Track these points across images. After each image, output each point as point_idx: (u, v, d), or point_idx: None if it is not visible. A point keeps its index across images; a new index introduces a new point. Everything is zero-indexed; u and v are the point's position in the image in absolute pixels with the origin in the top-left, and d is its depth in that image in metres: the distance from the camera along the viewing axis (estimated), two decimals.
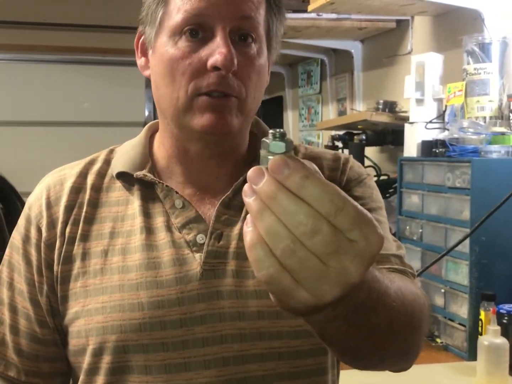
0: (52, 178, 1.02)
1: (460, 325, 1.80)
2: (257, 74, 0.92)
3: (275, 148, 0.55)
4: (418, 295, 0.82)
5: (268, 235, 0.54)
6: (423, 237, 1.99)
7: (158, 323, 0.90)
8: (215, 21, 0.88)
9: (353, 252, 0.54)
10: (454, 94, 2.03)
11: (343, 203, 0.54)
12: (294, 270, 0.54)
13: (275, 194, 0.54)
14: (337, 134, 2.78)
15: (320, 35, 2.90)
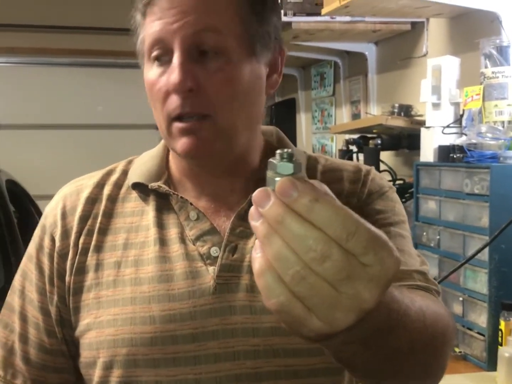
0: (69, 188, 1.02)
1: (479, 334, 1.77)
2: (231, 85, 0.87)
3: (283, 169, 0.53)
4: (441, 315, 0.79)
5: (276, 261, 0.52)
6: (440, 244, 1.96)
7: (169, 337, 0.89)
8: (172, 41, 0.86)
9: (367, 277, 0.52)
10: (472, 98, 1.99)
11: (355, 227, 0.52)
12: (305, 297, 0.52)
13: (283, 218, 0.52)
14: (352, 138, 2.75)
15: (333, 37, 2.87)
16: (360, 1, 2.20)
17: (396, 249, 0.90)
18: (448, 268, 1.89)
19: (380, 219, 0.95)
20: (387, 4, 2.24)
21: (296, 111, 4.20)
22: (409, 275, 0.90)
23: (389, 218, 0.96)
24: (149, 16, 0.88)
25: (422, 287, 0.89)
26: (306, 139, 4.07)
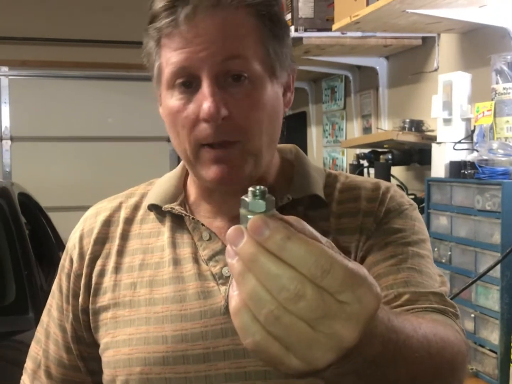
0: (91, 211, 1.06)
1: (491, 351, 1.76)
2: (258, 109, 0.88)
3: (254, 207, 0.53)
4: (450, 342, 0.76)
5: (250, 300, 0.52)
6: (452, 260, 1.95)
7: (181, 357, 0.90)
8: (199, 70, 0.86)
9: (345, 315, 0.51)
10: (483, 114, 1.99)
11: (329, 264, 0.50)
12: (280, 337, 0.51)
13: (256, 256, 0.51)
14: (363, 153, 2.75)
15: (344, 52, 2.88)
16: (371, 17, 2.21)
17: (414, 269, 0.91)
18: (459, 285, 1.88)
19: (398, 238, 0.93)
20: (398, 20, 2.24)
21: (307, 124, 4.21)
22: (425, 297, 0.87)
23: (407, 237, 0.94)
24: (168, 45, 0.88)
25: (438, 310, 0.87)
26: (317, 152, 4.08)
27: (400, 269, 0.89)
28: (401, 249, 0.92)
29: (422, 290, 0.88)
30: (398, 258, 0.91)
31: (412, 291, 0.87)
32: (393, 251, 0.91)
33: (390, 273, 0.89)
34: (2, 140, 5.03)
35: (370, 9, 2.13)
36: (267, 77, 0.90)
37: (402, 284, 0.88)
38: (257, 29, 0.89)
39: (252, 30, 0.88)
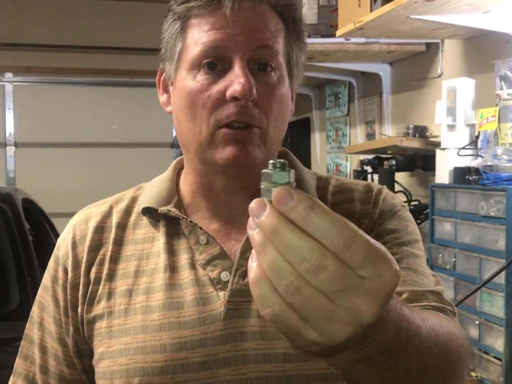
0: (79, 217, 1.02)
1: (495, 358, 1.75)
2: (278, 102, 0.90)
3: (278, 178, 0.53)
4: (455, 335, 0.77)
5: (270, 271, 0.52)
6: (456, 266, 1.94)
7: (180, 365, 0.88)
8: (233, 52, 0.87)
9: (365, 290, 0.51)
10: (487, 120, 1.99)
11: (353, 237, 0.51)
12: (299, 309, 0.51)
13: (277, 228, 0.51)
14: (366, 159, 2.75)
15: (348, 58, 2.88)
16: (375, 23, 2.21)
17: (410, 269, 0.92)
18: (463, 291, 1.88)
19: (393, 239, 0.95)
20: (401, 26, 2.24)
21: (310, 130, 4.21)
22: (423, 296, 0.89)
23: (401, 238, 0.95)
24: (200, 25, 0.89)
25: (437, 308, 0.87)
26: (321, 158, 4.07)
27: None
28: (396, 249, 0.93)
29: (420, 289, 0.89)
30: (394, 258, 0.91)
31: (410, 290, 0.88)
32: (389, 251, 0.92)
33: None
34: (6, 146, 5.04)
35: (374, 15, 2.13)
36: (287, 76, 0.93)
37: (399, 283, 0.88)
38: (285, 30, 0.93)
39: (281, 30, 0.92)
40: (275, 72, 0.90)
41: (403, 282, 0.89)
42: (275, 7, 0.91)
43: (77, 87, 5.18)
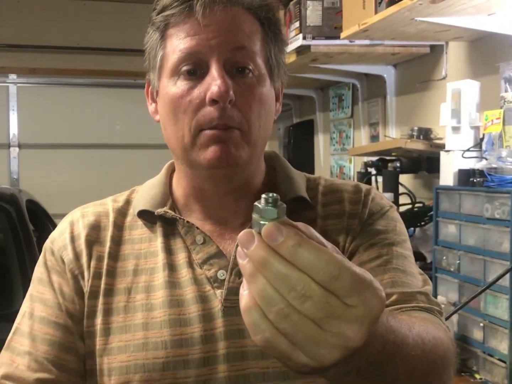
0: (76, 215, 1.02)
1: (500, 361, 1.75)
2: (259, 102, 0.92)
3: (268, 214, 0.56)
4: (441, 339, 0.80)
5: (261, 299, 0.55)
6: (460, 268, 1.94)
7: (181, 362, 0.90)
8: (208, 56, 0.89)
9: (351, 317, 0.54)
10: (492, 122, 1.99)
11: (338, 271, 0.53)
12: (289, 334, 0.54)
13: (266, 259, 0.54)
14: (370, 161, 2.75)
15: (352, 60, 2.88)
16: (379, 25, 2.21)
17: (399, 269, 0.95)
18: (468, 293, 1.87)
19: (382, 239, 0.97)
20: (406, 28, 2.24)
21: (314, 132, 4.21)
22: (412, 297, 0.92)
23: (391, 238, 0.98)
24: (176, 34, 0.91)
25: (425, 309, 0.91)
26: (324, 160, 4.07)
27: (386, 270, 0.94)
28: (386, 250, 0.96)
29: (409, 290, 0.92)
30: (383, 259, 0.95)
31: (400, 292, 0.91)
32: (379, 252, 0.96)
33: (377, 274, 0.92)
34: (10, 147, 5.05)
35: (379, 17, 2.13)
36: (267, 76, 0.95)
37: (389, 285, 0.92)
38: (261, 31, 0.94)
39: (257, 31, 0.94)
40: (253, 73, 0.92)
41: (393, 283, 0.92)
42: (249, 8, 0.93)
43: (81, 88, 5.19)
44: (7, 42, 4.95)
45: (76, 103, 5.14)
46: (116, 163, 5.16)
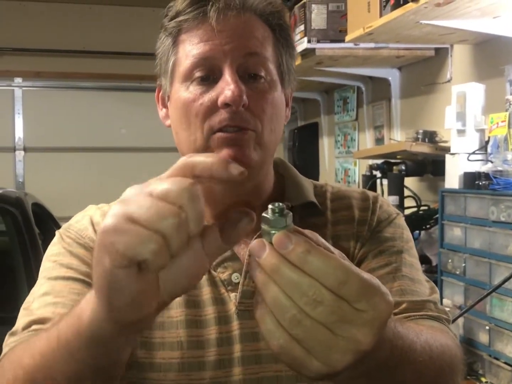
0: (92, 208, 1.02)
1: (506, 364, 1.74)
2: (271, 106, 0.93)
3: (276, 223, 0.58)
4: (448, 346, 0.82)
5: (274, 307, 0.56)
6: (466, 271, 1.94)
7: (196, 363, 0.90)
8: (221, 61, 0.90)
9: (361, 321, 0.55)
10: (497, 125, 1.98)
11: (346, 276, 0.55)
12: (303, 340, 0.56)
13: (277, 266, 0.56)
14: (375, 164, 2.75)
15: (357, 63, 2.88)
16: (384, 28, 2.21)
17: (407, 277, 0.96)
18: (473, 296, 1.87)
19: (390, 247, 0.99)
20: (411, 32, 2.24)
21: (319, 135, 4.21)
22: (421, 305, 0.93)
23: (398, 246, 0.99)
24: (189, 39, 0.92)
25: (433, 317, 0.92)
26: (329, 163, 4.07)
27: (395, 278, 0.95)
28: (394, 257, 0.98)
29: (418, 299, 0.93)
30: (392, 266, 0.96)
31: (409, 300, 0.93)
32: (387, 259, 0.97)
33: (386, 282, 0.93)
34: (15, 151, 5.06)
35: (383, 20, 2.13)
36: (278, 81, 0.96)
37: (398, 293, 0.93)
38: (273, 37, 0.95)
39: (269, 37, 0.95)
40: (265, 78, 0.92)
41: (402, 291, 0.94)
42: (261, 15, 0.94)
43: (86, 92, 5.20)
44: (12, 46, 4.96)
45: (81, 107, 5.14)
46: (121, 166, 5.16)
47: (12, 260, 2.71)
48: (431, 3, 1.85)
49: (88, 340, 0.64)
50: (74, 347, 0.66)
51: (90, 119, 5.15)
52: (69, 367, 0.67)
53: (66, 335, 0.67)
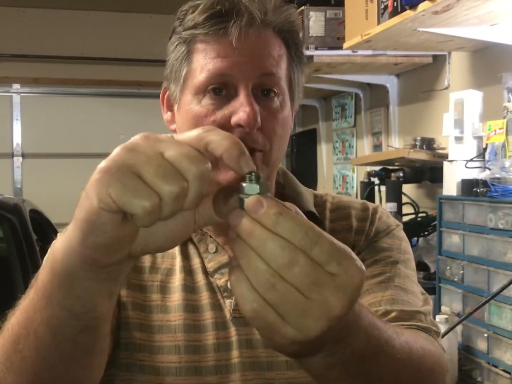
0: None
1: (504, 371, 1.74)
2: (281, 126, 0.93)
3: (250, 189, 0.58)
4: (430, 352, 0.82)
5: (248, 270, 0.56)
6: (464, 278, 1.94)
7: (193, 368, 0.90)
8: (238, 79, 0.90)
9: (334, 285, 0.56)
10: (495, 132, 1.99)
11: (317, 237, 0.56)
12: (276, 304, 0.56)
13: (251, 230, 0.56)
14: (374, 170, 2.75)
15: (355, 70, 2.89)
16: (382, 36, 2.21)
17: (400, 288, 0.96)
18: (472, 304, 1.87)
19: (386, 257, 0.99)
20: (409, 39, 2.25)
21: (317, 141, 4.22)
22: (410, 316, 0.93)
23: (394, 256, 1.00)
24: (206, 51, 0.91)
25: (422, 328, 0.92)
26: (327, 169, 4.08)
27: (387, 287, 0.95)
28: (389, 267, 0.98)
29: (408, 309, 0.93)
30: (385, 275, 0.97)
31: (399, 309, 0.93)
32: (382, 269, 0.97)
33: (379, 290, 0.94)
34: (13, 157, 5.05)
35: (381, 28, 2.13)
36: (289, 99, 0.96)
37: (389, 302, 0.93)
38: (288, 55, 0.96)
39: (284, 54, 0.95)
40: (278, 97, 0.93)
41: (393, 300, 0.94)
42: (279, 32, 0.94)
43: (85, 98, 5.20)
44: (10, 52, 4.96)
45: (80, 113, 5.14)
46: None
47: (10, 266, 2.70)
48: (429, 11, 1.86)
49: (61, 276, 0.63)
50: (49, 289, 0.65)
51: (88, 125, 5.14)
52: (47, 314, 0.66)
53: (42, 280, 0.66)
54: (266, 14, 0.91)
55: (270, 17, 0.92)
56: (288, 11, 0.95)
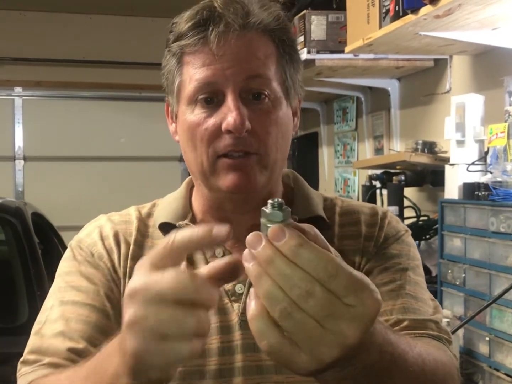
0: (102, 219, 1.05)
1: (506, 375, 1.74)
2: (276, 126, 0.93)
3: (273, 217, 0.60)
4: (443, 363, 0.83)
5: (266, 299, 0.58)
6: (466, 282, 1.94)
7: (197, 372, 0.91)
8: (224, 85, 0.91)
9: (350, 316, 0.57)
10: (496, 136, 1.99)
11: (336, 270, 0.57)
12: (292, 333, 0.57)
13: (272, 258, 0.57)
14: (375, 174, 2.75)
15: (356, 74, 2.89)
16: (384, 40, 2.22)
17: (411, 295, 0.96)
18: (473, 307, 1.87)
19: (396, 264, 0.99)
20: (410, 43, 2.25)
21: (318, 145, 4.22)
22: (423, 324, 0.93)
23: (404, 263, 0.99)
24: (193, 62, 0.93)
25: (434, 336, 0.92)
26: (328, 172, 4.08)
27: (398, 295, 0.95)
28: (399, 275, 0.98)
29: (420, 317, 0.93)
30: (396, 283, 0.96)
31: (411, 319, 0.93)
32: (392, 276, 0.97)
33: (390, 299, 0.94)
34: (15, 160, 5.06)
35: (383, 31, 2.14)
36: (283, 98, 0.96)
37: (401, 310, 0.93)
38: (277, 53, 0.95)
39: (272, 54, 0.95)
40: (269, 98, 0.93)
41: (404, 309, 0.94)
42: (265, 31, 0.94)
43: (86, 101, 5.20)
44: (12, 56, 4.97)
45: (81, 116, 5.15)
46: (121, 176, 5.16)
47: (12, 270, 2.70)
48: (430, 15, 1.86)
49: None
50: None
51: (90, 129, 5.15)
52: None
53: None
54: (248, 16, 0.92)
55: (252, 19, 0.92)
56: (271, 9, 0.95)
